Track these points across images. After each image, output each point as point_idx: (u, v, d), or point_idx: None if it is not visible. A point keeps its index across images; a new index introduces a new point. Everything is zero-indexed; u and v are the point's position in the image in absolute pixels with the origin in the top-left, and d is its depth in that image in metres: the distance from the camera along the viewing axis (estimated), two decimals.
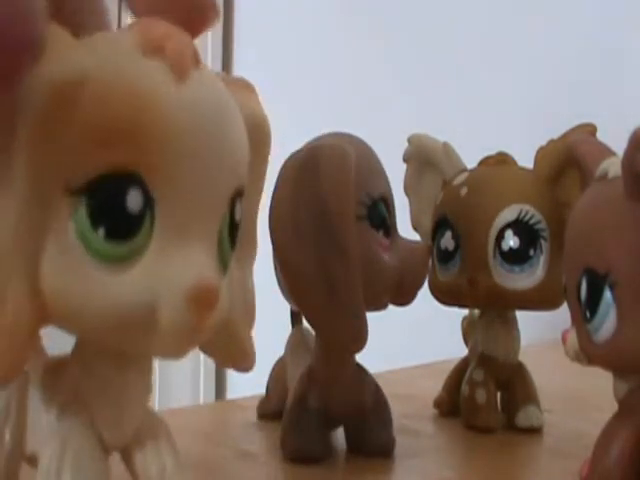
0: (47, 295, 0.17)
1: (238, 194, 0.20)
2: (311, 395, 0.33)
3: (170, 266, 0.18)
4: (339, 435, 0.36)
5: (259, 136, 0.22)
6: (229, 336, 0.21)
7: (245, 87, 0.22)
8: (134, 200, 0.17)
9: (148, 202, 0.17)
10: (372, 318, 0.32)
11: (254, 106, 0.22)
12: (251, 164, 0.21)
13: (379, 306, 0.34)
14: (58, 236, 0.17)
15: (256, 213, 0.23)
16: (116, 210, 0.17)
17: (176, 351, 0.19)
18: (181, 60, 0.18)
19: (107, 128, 0.17)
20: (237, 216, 0.20)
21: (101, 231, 0.17)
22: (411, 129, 0.45)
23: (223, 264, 0.20)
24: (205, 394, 1.16)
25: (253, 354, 0.23)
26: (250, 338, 0.22)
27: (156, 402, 1.11)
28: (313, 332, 0.34)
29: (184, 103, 0.18)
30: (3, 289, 0.17)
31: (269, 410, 0.39)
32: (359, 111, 0.97)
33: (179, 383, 1.16)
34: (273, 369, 0.41)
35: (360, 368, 0.35)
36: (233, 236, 0.20)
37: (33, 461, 0.21)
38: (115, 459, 0.21)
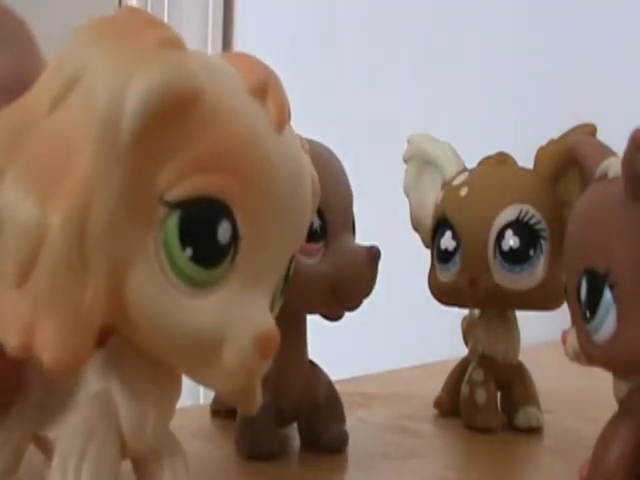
0: (124, 299, 0.17)
1: (297, 251, 0.21)
2: (264, 393, 0.34)
3: (244, 306, 0.18)
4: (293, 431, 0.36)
5: (314, 195, 0.23)
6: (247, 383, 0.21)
7: (305, 148, 0.23)
8: (224, 230, 0.18)
9: (235, 237, 0.18)
10: (372, 318, 0.32)
11: (311, 166, 0.22)
12: None
13: (316, 311, 0.34)
14: (146, 242, 0.17)
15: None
16: (206, 235, 0.18)
17: (227, 386, 0.20)
18: (282, 112, 0.19)
19: (214, 151, 0.17)
20: (290, 272, 0.21)
21: (188, 251, 0.17)
22: (411, 129, 0.45)
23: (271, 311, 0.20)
24: (205, 394, 1.16)
25: (259, 399, 0.23)
26: (259, 382, 0.22)
27: None
28: None
29: (281, 154, 0.19)
30: (85, 278, 0.16)
31: (222, 407, 0.40)
32: (359, 111, 0.97)
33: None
34: None
35: (313, 366, 0.36)
36: (283, 289, 0.21)
37: (42, 443, 0.21)
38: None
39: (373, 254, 0.33)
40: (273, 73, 0.19)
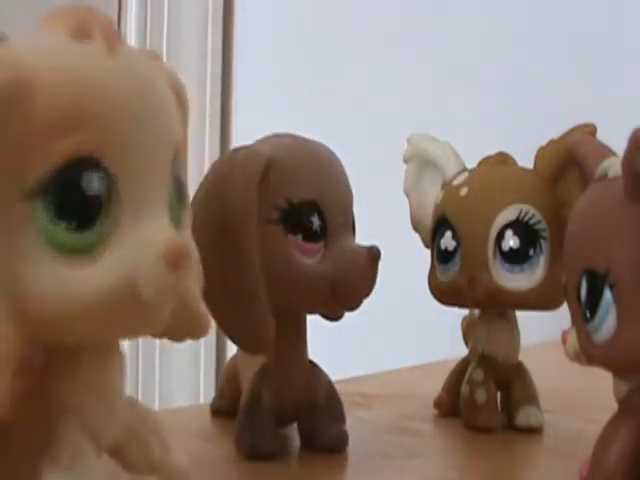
0: (29, 308, 0.17)
1: (177, 153, 0.20)
2: (264, 393, 0.34)
3: (140, 238, 0.18)
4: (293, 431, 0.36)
5: (181, 97, 0.22)
6: (182, 305, 0.20)
7: (154, 56, 0.22)
8: (94, 182, 0.17)
9: (109, 181, 0.17)
10: (372, 318, 0.32)
11: (168, 69, 0.22)
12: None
13: (316, 311, 0.34)
14: (20, 244, 0.17)
15: (185, 173, 0.23)
16: (78, 198, 0.17)
17: (162, 319, 0.19)
18: (109, 36, 0.18)
19: (57, 121, 0.17)
20: (182, 176, 0.20)
21: (65, 224, 0.17)
22: (411, 129, 0.45)
23: (175, 224, 0.20)
24: (205, 394, 1.16)
25: (208, 320, 0.22)
26: (202, 303, 0.21)
27: (156, 402, 1.11)
28: None
29: (119, 73, 0.18)
30: None
31: (222, 407, 0.40)
32: (359, 111, 0.97)
33: (179, 383, 1.16)
34: (226, 368, 0.42)
35: (313, 366, 0.36)
36: (181, 196, 0.20)
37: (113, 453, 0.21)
38: None
39: (373, 254, 0.33)
40: (91, 9, 0.19)
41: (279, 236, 0.32)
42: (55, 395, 0.19)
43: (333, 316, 0.35)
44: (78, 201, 0.17)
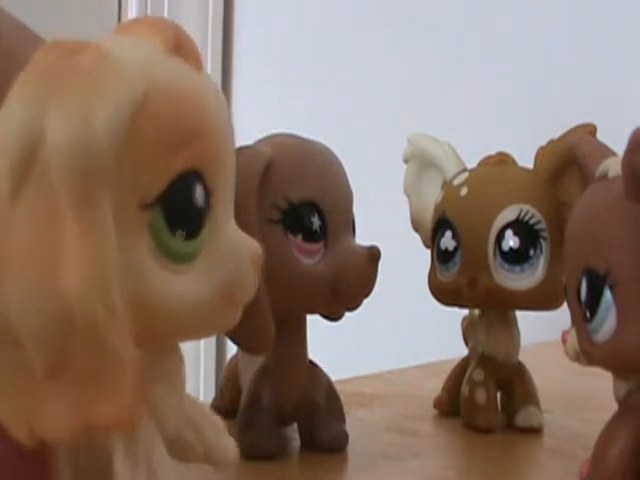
0: (141, 315, 0.17)
1: None
2: (265, 393, 0.34)
3: (233, 246, 0.19)
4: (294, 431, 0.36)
5: None
6: None
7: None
8: (200, 195, 0.18)
9: (207, 194, 0.19)
10: (372, 318, 0.32)
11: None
12: None
13: (316, 311, 0.34)
14: (135, 253, 0.17)
15: None
16: (189, 209, 0.18)
17: (235, 318, 0.20)
18: (197, 52, 0.19)
19: (172, 135, 0.17)
20: None
21: (180, 233, 0.18)
22: (411, 129, 0.45)
23: None
24: (205, 394, 1.16)
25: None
26: None
27: None
28: None
29: (208, 90, 0.19)
30: (115, 330, 0.16)
31: (222, 408, 0.40)
32: (359, 111, 0.97)
33: None
34: (226, 368, 0.42)
35: (313, 366, 0.36)
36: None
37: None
38: None
39: (373, 254, 0.33)
40: (171, 22, 0.19)
41: (279, 236, 0.32)
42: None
43: (333, 316, 0.35)
44: (188, 212, 0.18)
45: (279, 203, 0.32)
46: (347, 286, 0.32)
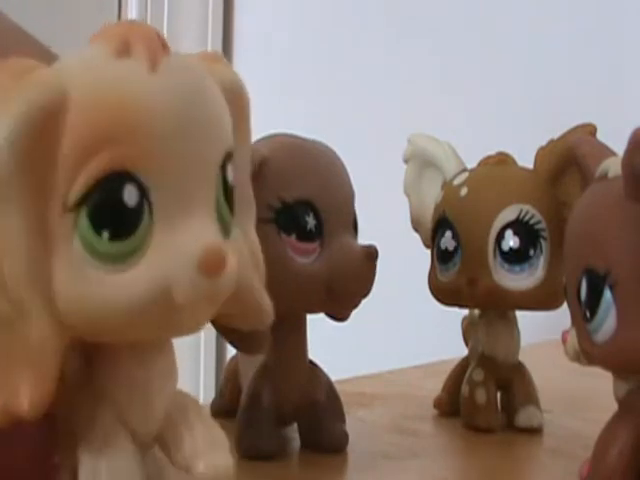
0: (65, 312, 0.18)
1: (227, 158, 0.21)
2: (265, 393, 0.34)
3: (176, 245, 0.18)
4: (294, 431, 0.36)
5: (237, 99, 0.22)
6: (244, 297, 0.22)
7: (214, 58, 0.23)
8: (131, 195, 0.18)
9: (143, 193, 0.18)
10: (372, 318, 0.32)
11: (226, 72, 0.22)
12: (234, 127, 0.21)
13: (313, 310, 0.34)
14: (63, 254, 0.18)
15: (248, 174, 0.24)
16: (116, 210, 0.18)
17: (196, 323, 0.20)
18: (152, 52, 0.19)
19: (94, 137, 0.18)
20: (230, 179, 0.21)
21: (105, 234, 0.18)
22: (411, 129, 0.45)
23: (225, 229, 0.20)
24: (205, 394, 1.16)
25: (269, 309, 0.23)
26: (264, 292, 0.23)
27: None
28: None
29: (159, 90, 0.19)
30: (25, 322, 0.17)
31: (222, 408, 0.40)
32: (359, 111, 0.97)
33: (179, 383, 1.16)
34: (226, 367, 0.42)
35: (313, 366, 0.36)
36: (230, 200, 0.21)
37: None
38: None
39: (370, 253, 0.32)
40: (134, 24, 0.20)
41: (272, 235, 0.32)
42: (96, 386, 0.20)
43: (338, 316, 0.35)
44: (115, 213, 0.18)
45: (272, 202, 0.32)
46: (343, 285, 0.32)
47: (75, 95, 0.18)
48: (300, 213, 0.32)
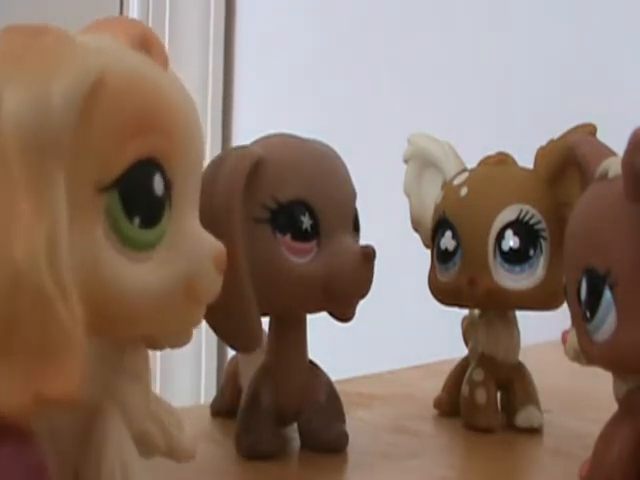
0: (91, 294, 0.17)
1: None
2: (265, 393, 0.34)
3: (192, 240, 0.19)
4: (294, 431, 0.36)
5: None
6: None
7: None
8: (159, 184, 0.18)
9: (167, 184, 0.19)
10: (373, 319, 0.32)
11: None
12: None
13: (310, 311, 0.34)
14: (88, 234, 0.17)
15: None
16: (147, 197, 0.18)
17: (202, 316, 0.21)
18: (163, 54, 0.20)
19: (131, 121, 0.18)
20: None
21: (137, 220, 0.18)
22: (411, 129, 0.45)
23: None
24: (206, 394, 1.16)
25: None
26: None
27: None
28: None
29: (175, 87, 0.19)
30: (65, 302, 0.16)
31: (223, 408, 0.40)
32: (359, 111, 0.97)
33: (179, 383, 1.16)
34: (226, 367, 0.42)
35: (313, 366, 0.36)
36: None
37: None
38: None
39: (367, 253, 0.32)
40: (140, 23, 0.20)
41: (267, 236, 0.32)
42: (100, 380, 0.20)
43: (340, 316, 0.35)
44: (146, 200, 0.18)
45: (267, 203, 0.32)
46: (340, 285, 0.32)
47: (110, 78, 0.17)
48: (295, 213, 0.32)
